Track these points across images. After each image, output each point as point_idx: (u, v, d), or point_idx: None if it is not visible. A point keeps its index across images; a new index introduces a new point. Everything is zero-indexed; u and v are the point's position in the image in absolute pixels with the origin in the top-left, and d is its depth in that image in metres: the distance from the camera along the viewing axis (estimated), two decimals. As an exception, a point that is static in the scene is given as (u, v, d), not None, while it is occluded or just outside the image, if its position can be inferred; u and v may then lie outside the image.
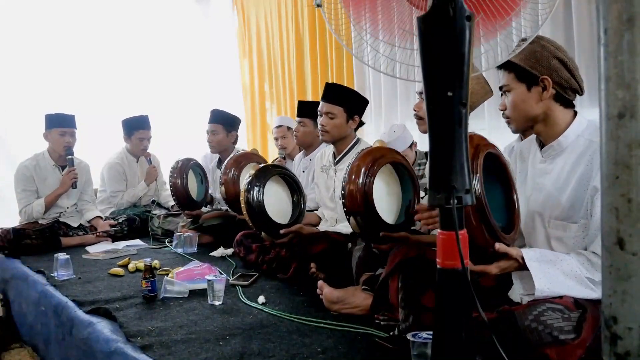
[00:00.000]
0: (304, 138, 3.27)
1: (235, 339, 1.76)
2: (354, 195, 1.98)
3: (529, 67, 1.56)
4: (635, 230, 0.60)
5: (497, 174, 1.60)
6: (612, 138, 0.62)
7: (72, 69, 4.84)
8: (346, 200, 2.00)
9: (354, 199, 1.98)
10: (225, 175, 3.11)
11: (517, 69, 1.58)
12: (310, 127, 3.22)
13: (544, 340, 1.34)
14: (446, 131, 1.04)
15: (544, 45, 1.57)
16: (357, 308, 1.94)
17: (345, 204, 2.01)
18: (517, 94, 1.59)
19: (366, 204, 1.97)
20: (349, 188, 2.00)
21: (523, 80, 1.58)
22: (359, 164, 2.03)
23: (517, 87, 1.59)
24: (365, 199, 1.97)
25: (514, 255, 1.46)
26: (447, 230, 1.05)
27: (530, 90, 1.57)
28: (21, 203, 3.59)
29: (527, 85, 1.58)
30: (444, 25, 1.00)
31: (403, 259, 1.75)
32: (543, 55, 1.55)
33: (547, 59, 1.55)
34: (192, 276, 2.37)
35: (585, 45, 2.95)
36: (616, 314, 0.62)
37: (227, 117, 3.70)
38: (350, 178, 2.01)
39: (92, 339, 1.91)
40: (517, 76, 1.59)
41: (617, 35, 0.61)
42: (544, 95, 1.56)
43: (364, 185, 1.98)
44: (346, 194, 2.00)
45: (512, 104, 1.61)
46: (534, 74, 1.55)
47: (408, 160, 3.43)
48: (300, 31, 4.98)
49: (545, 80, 1.55)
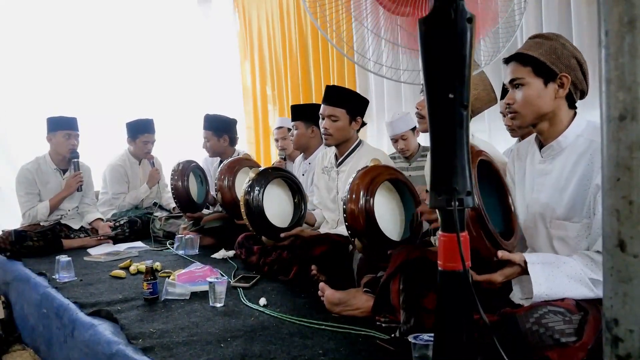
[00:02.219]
0: (298, 141, 3.25)
1: (236, 341, 1.76)
2: (356, 216, 1.98)
3: (549, 62, 1.54)
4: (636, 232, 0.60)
5: (490, 181, 1.60)
6: (613, 140, 0.62)
7: (73, 71, 4.86)
8: (348, 222, 2.00)
9: (357, 220, 1.98)
10: (221, 182, 3.11)
11: (536, 62, 1.55)
12: (302, 130, 3.19)
13: (545, 343, 1.34)
14: (447, 133, 1.04)
15: (563, 43, 1.56)
16: (359, 310, 1.94)
17: (349, 225, 2.01)
18: (533, 89, 1.57)
19: (369, 224, 1.97)
20: (349, 208, 2.00)
21: (541, 75, 1.56)
22: (358, 184, 2.02)
23: (533, 82, 1.57)
24: (368, 219, 1.97)
25: (517, 261, 1.46)
26: (449, 232, 1.05)
27: (546, 86, 1.56)
28: (25, 206, 3.60)
29: (544, 80, 1.56)
30: (445, 27, 1.01)
31: (404, 261, 1.74)
32: (564, 54, 1.55)
33: (568, 58, 1.55)
34: (193, 278, 2.37)
35: (584, 47, 2.95)
36: (617, 316, 0.62)
37: (216, 122, 3.70)
38: (351, 197, 2.01)
39: (94, 341, 1.91)
40: (534, 70, 1.56)
41: (618, 38, 0.61)
42: (559, 93, 1.55)
43: (364, 205, 1.98)
44: (347, 216, 2.00)
45: (525, 98, 1.58)
46: (554, 70, 1.54)
47: (410, 144, 3.48)
48: (302, 32, 4.98)
49: (564, 78, 1.54)
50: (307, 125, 3.17)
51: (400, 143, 3.51)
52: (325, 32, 1.56)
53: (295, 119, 3.23)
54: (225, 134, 3.70)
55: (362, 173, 2.07)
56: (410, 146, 3.52)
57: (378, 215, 1.99)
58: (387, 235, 2.00)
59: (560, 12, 3.06)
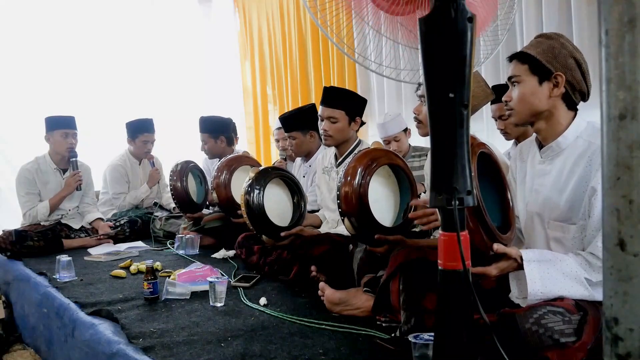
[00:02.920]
0: (299, 150, 3.20)
1: (237, 340, 1.76)
2: (349, 197, 1.95)
3: (545, 60, 1.55)
4: (636, 231, 0.60)
5: (490, 174, 1.60)
6: (613, 139, 0.62)
7: (73, 70, 4.86)
8: (341, 202, 1.97)
9: (349, 200, 1.95)
10: (217, 179, 3.08)
11: (533, 61, 1.57)
12: (300, 138, 3.13)
13: (544, 343, 1.34)
14: (448, 132, 1.04)
15: (563, 43, 1.57)
16: (359, 310, 1.94)
17: (340, 205, 1.97)
18: (527, 86, 1.58)
19: (361, 205, 1.94)
20: (344, 190, 1.97)
21: (536, 73, 1.57)
22: (355, 165, 1.99)
23: (528, 80, 1.58)
24: (360, 200, 1.94)
25: (513, 255, 1.46)
26: (449, 232, 1.05)
27: (541, 84, 1.57)
28: (25, 206, 3.60)
29: (539, 78, 1.57)
30: (445, 26, 1.01)
31: (405, 260, 1.74)
32: (561, 53, 1.55)
33: (565, 57, 1.55)
34: (193, 278, 2.37)
35: (584, 46, 2.95)
36: (617, 315, 0.62)
37: (212, 124, 3.70)
38: (345, 179, 1.97)
39: (94, 340, 1.91)
40: (530, 68, 1.58)
41: (618, 37, 0.61)
42: (554, 92, 1.56)
43: (359, 186, 1.94)
44: (341, 195, 1.97)
45: (520, 96, 1.60)
46: (549, 68, 1.55)
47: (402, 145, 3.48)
48: (302, 32, 4.98)
49: (558, 77, 1.55)
50: (304, 132, 3.11)
51: (393, 144, 3.51)
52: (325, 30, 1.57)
53: (291, 129, 3.13)
54: (221, 135, 3.70)
55: (361, 154, 2.03)
56: (402, 147, 3.52)
57: (372, 199, 1.95)
58: (377, 220, 1.96)
59: (560, 11, 3.06)
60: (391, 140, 3.51)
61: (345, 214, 1.97)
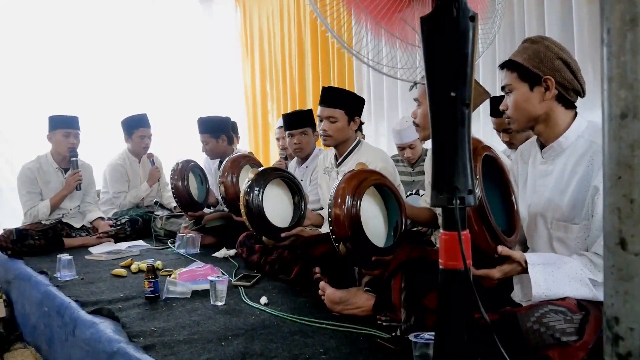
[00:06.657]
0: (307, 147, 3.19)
1: (237, 339, 1.76)
2: (341, 221, 1.91)
3: (532, 66, 1.55)
4: (637, 230, 0.60)
5: (495, 177, 1.60)
6: (615, 138, 0.62)
7: (74, 70, 4.86)
8: (333, 227, 1.93)
9: (341, 225, 1.92)
10: (224, 178, 3.07)
11: (520, 68, 1.58)
12: (311, 135, 3.16)
13: (546, 342, 1.34)
14: (449, 131, 1.04)
15: (547, 45, 1.56)
16: (360, 309, 1.94)
17: (333, 230, 1.94)
18: (520, 94, 1.59)
19: (354, 229, 1.91)
20: (334, 213, 1.93)
21: (526, 79, 1.57)
22: (344, 187, 1.96)
23: (519, 87, 1.59)
24: (353, 224, 1.91)
25: (517, 258, 1.45)
26: (450, 231, 1.05)
27: (532, 90, 1.57)
28: (26, 205, 3.60)
29: (529, 84, 1.57)
30: (447, 25, 1.01)
31: (405, 260, 1.74)
32: (547, 56, 1.55)
33: (551, 60, 1.55)
34: (194, 277, 2.37)
35: (585, 45, 2.95)
36: (618, 314, 0.62)
37: (211, 124, 3.67)
38: (335, 201, 1.94)
39: (95, 339, 1.92)
40: (519, 75, 1.58)
41: (620, 36, 0.61)
42: (547, 96, 1.56)
43: (350, 209, 1.92)
44: (332, 220, 1.93)
45: (514, 104, 1.61)
46: (537, 73, 1.55)
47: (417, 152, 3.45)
48: (302, 32, 4.99)
49: (548, 81, 1.55)
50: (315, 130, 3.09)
51: (407, 152, 3.47)
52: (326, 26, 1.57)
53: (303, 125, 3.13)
54: (222, 134, 3.68)
55: (348, 177, 2.01)
56: (416, 154, 3.49)
57: (363, 221, 1.93)
58: (372, 242, 1.94)
59: (562, 11, 3.06)
60: (406, 147, 3.46)
61: (339, 239, 1.94)
